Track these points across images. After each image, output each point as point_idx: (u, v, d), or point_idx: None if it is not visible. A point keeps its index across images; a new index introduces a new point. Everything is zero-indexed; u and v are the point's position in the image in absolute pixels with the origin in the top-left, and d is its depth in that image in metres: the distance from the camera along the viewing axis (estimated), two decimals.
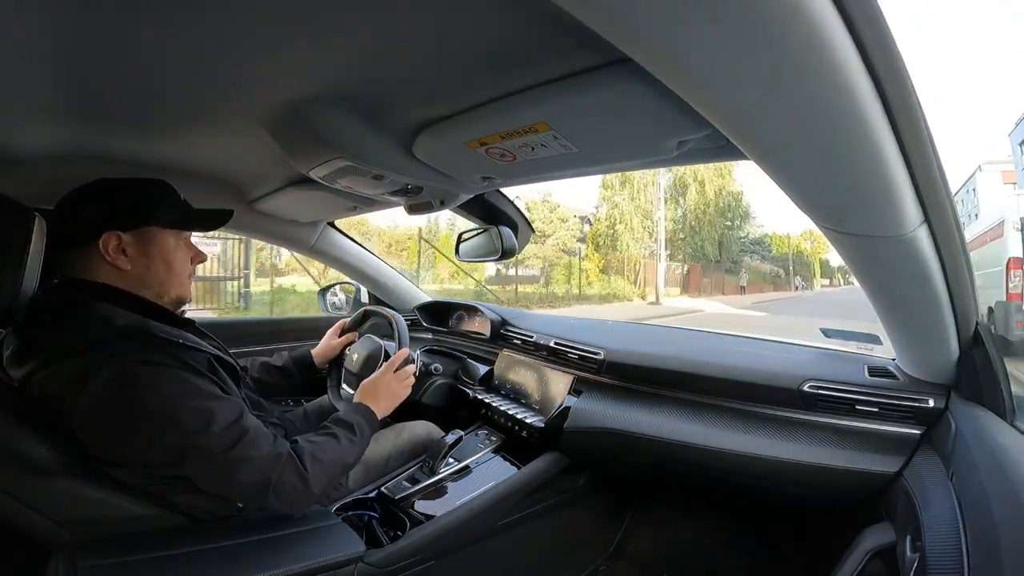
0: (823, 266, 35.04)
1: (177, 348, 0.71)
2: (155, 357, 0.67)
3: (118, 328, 0.68)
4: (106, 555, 0.65)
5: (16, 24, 0.53)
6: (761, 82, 0.38)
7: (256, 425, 0.74)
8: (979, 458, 0.62)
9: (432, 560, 0.92)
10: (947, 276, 0.61)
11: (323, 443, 0.81)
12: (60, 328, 0.69)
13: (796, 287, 26.77)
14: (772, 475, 0.91)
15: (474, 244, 1.35)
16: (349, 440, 0.85)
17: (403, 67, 0.63)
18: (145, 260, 0.77)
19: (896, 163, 0.45)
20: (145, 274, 0.77)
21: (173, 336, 0.72)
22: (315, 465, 0.76)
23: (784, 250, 28.12)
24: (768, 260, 26.86)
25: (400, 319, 1.34)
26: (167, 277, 0.79)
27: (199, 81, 0.68)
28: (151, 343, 0.69)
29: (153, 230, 0.78)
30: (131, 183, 0.78)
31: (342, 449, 0.83)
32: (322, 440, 0.82)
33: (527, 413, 1.23)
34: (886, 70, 0.37)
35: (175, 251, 0.80)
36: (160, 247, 0.78)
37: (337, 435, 0.84)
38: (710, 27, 0.33)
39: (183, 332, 0.75)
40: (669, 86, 0.42)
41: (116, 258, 0.74)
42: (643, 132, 0.67)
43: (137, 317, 0.71)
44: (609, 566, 1.32)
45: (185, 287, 0.83)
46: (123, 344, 0.67)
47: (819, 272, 32.82)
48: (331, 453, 0.81)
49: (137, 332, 0.69)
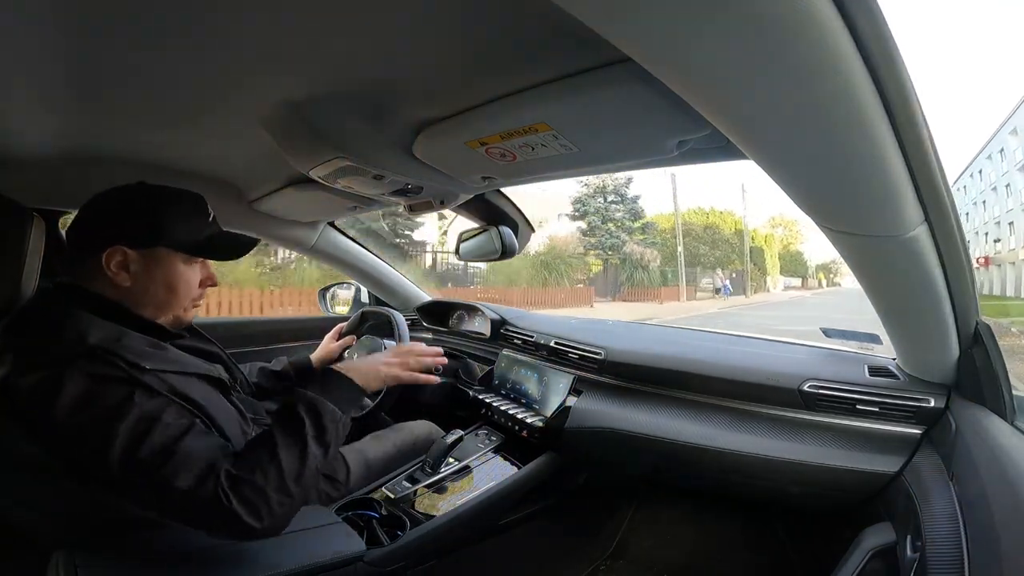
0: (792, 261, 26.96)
1: (140, 371, 0.65)
2: (110, 373, 0.63)
3: (87, 345, 0.64)
4: (106, 555, 0.65)
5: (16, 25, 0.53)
6: (761, 82, 0.38)
7: (200, 447, 0.63)
8: (979, 458, 0.62)
9: (432, 560, 0.92)
10: (947, 276, 0.61)
11: (252, 457, 0.65)
12: (35, 336, 0.67)
13: (718, 289, 20.05)
14: (772, 475, 0.91)
15: (474, 244, 1.35)
16: (295, 439, 0.67)
17: (403, 67, 0.63)
18: (146, 281, 0.73)
19: (896, 163, 0.45)
20: (143, 295, 0.74)
21: (142, 358, 0.66)
22: (256, 494, 0.62)
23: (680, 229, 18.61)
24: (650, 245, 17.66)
25: (400, 317, 1.34)
26: (167, 300, 0.76)
27: (199, 81, 0.68)
28: (113, 363, 0.64)
29: (162, 251, 0.74)
30: (160, 194, 0.75)
31: (286, 454, 0.65)
32: (252, 453, 0.66)
33: (527, 413, 1.23)
34: (886, 70, 0.37)
35: (182, 275, 0.76)
36: (166, 270, 0.75)
37: (273, 438, 0.66)
38: (710, 27, 0.33)
39: (161, 350, 0.71)
40: (669, 86, 0.42)
41: (117, 274, 0.71)
42: (643, 132, 0.67)
43: (115, 330, 0.68)
44: (609, 566, 1.32)
45: (186, 312, 0.79)
46: (83, 362, 0.63)
47: (776, 267, 25.41)
48: (269, 467, 0.64)
49: (102, 352, 0.64)
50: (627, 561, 1.33)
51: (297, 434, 0.67)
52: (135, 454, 0.60)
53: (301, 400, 0.70)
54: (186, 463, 0.61)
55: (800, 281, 28.15)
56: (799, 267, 28.43)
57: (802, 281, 28.59)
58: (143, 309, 0.74)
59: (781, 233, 27.56)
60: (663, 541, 1.37)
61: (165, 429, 0.62)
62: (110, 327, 0.68)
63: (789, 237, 27.77)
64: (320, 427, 0.69)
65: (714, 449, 0.95)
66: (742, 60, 0.36)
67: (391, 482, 1.05)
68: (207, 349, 0.85)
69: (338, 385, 0.76)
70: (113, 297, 0.72)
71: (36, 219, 0.75)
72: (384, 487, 1.03)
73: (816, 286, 29.01)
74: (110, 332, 0.67)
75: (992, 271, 24.78)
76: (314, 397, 0.71)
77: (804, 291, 26.81)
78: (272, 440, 0.66)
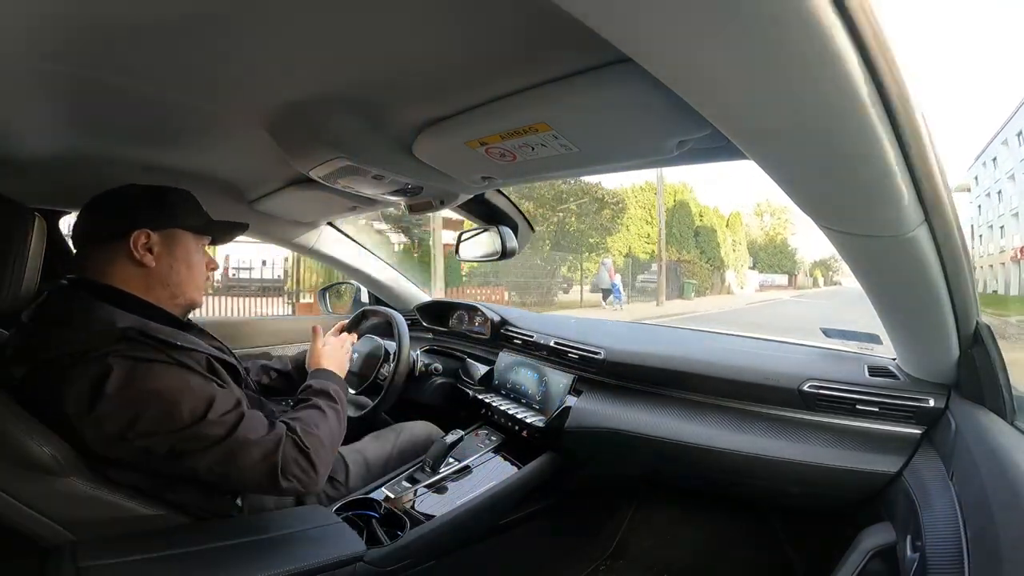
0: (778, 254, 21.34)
1: (173, 348, 0.72)
2: (152, 355, 0.69)
3: (119, 329, 0.69)
4: (106, 555, 0.65)
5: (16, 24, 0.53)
6: (761, 82, 0.38)
7: (253, 413, 0.75)
8: (979, 458, 0.62)
9: (432, 560, 0.92)
10: (947, 276, 0.61)
11: (308, 417, 0.82)
12: (63, 328, 0.69)
13: (607, 291, 12.11)
14: (772, 475, 0.91)
15: (474, 244, 1.36)
16: (332, 409, 0.87)
17: (403, 67, 0.63)
18: (169, 260, 0.80)
19: (896, 163, 0.45)
20: (168, 273, 0.80)
21: (171, 337, 0.73)
22: (312, 439, 0.77)
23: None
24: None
25: (400, 318, 1.34)
26: (187, 277, 0.83)
27: (199, 82, 0.68)
28: (149, 343, 0.70)
29: (179, 232, 0.82)
30: (158, 189, 0.82)
31: (329, 420, 0.84)
32: (306, 414, 0.83)
33: (527, 413, 1.23)
34: (886, 69, 0.37)
35: (195, 255, 0.85)
36: (184, 249, 0.82)
37: (320, 406, 0.85)
38: (710, 27, 0.33)
39: (182, 334, 0.76)
40: (669, 86, 0.42)
41: (144, 255, 0.77)
42: (643, 132, 0.67)
43: (137, 318, 0.73)
44: (609, 566, 1.32)
45: (200, 291, 0.86)
46: (122, 344, 0.68)
47: (740, 259, 18.55)
48: (322, 425, 0.82)
49: (136, 333, 0.70)
50: (627, 561, 1.33)
51: (332, 408, 0.87)
52: (206, 417, 0.68)
53: (328, 380, 0.94)
54: (254, 419, 0.74)
55: (787, 278, 22.66)
56: (786, 261, 22.74)
57: (789, 278, 23.00)
58: (163, 291, 0.80)
59: (769, 222, 22.59)
60: (663, 541, 1.37)
61: (225, 396, 0.73)
62: (133, 317, 0.73)
63: (778, 227, 22.60)
64: (344, 405, 0.92)
65: (714, 449, 0.95)
66: (741, 60, 0.36)
67: (391, 482, 1.05)
68: (215, 344, 0.87)
69: (343, 387, 0.95)
70: (137, 283, 0.77)
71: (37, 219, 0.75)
72: (384, 487, 1.04)
73: (810, 285, 22.85)
74: (135, 320, 0.72)
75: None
76: (335, 386, 0.93)
77: (787, 291, 20.79)
78: (318, 408, 0.85)
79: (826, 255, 30.13)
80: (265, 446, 0.72)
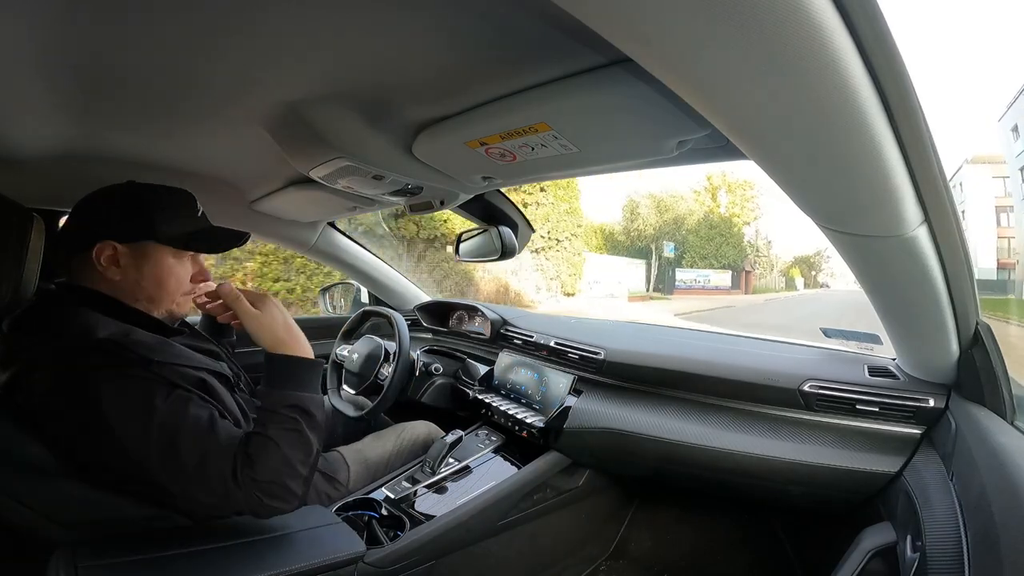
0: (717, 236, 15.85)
1: (151, 364, 0.67)
2: (127, 370, 0.65)
3: (96, 340, 0.66)
4: (106, 555, 0.65)
5: (16, 24, 0.53)
6: (761, 82, 0.38)
7: (226, 436, 0.67)
8: (979, 458, 0.62)
9: (432, 560, 0.92)
10: (947, 276, 0.61)
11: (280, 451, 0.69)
12: (43, 334, 0.68)
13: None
14: (772, 475, 0.91)
15: (474, 244, 1.35)
16: (308, 431, 0.72)
17: (403, 67, 0.63)
18: (136, 275, 0.75)
19: (896, 163, 0.45)
20: (134, 288, 0.75)
21: (152, 351, 0.68)
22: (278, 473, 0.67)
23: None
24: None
25: (400, 318, 1.34)
26: (156, 294, 0.77)
27: (199, 81, 0.68)
28: (125, 357, 0.66)
29: (151, 245, 0.75)
30: (147, 192, 0.77)
31: (302, 441, 0.71)
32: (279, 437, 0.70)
33: (527, 413, 1.23)
34: (886, 70, 0.37)
35: (172, 269, 0.77)
36: (155, 264, 0.76)
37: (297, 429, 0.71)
38: (710, 27, 0.33)
39: (168, 344, 0.72)
40: (669, 86, 0.42)
41: (107, 268, 0.73)
42: (643, 132, 0.67)
43: (121, 327, 0.69)
44: (609, 566, 1.32)
45: (178, 305, 0.80)
46: (96, 356, 0.65)
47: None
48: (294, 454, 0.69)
49: (113, 345, 0.66)
50: (627, 561, 1.33)
51: (295, 431, 0.71)
52: (170, 442, 0.63)
53: (281, 404, 0.72)
54: (218, 451, 0.65)
55: (729, 277, 16.26)
56: (729, 251, 16.44)
57: (735, 278, 16.49)
58: (136, 303, 0.75)
59: (726, 202, 16.35)
60: (663, 541, 1.37)
61: (196, 421, 0.66)
62: (116, 324, 0.70)
63: (732, 206, 16.78)
64: (313, 422, 0.73)
65: (714, 449, 0.95)
66: (742, 60, 0.36)
67: (391, 482, 1.05)
68: (208, 348, 0.85)
69: (295, 369, 0.75)
70: (109, 293, 0.73)
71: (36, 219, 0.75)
72: (384, 487, 1.04)
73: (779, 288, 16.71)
74: (117, 328, 0.69)
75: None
76: (294, 396, 0.73)
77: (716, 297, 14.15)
78: (275, 441, 0.69)
79: (809, 251, 25.97)
80: (219, 476, 0.64)
